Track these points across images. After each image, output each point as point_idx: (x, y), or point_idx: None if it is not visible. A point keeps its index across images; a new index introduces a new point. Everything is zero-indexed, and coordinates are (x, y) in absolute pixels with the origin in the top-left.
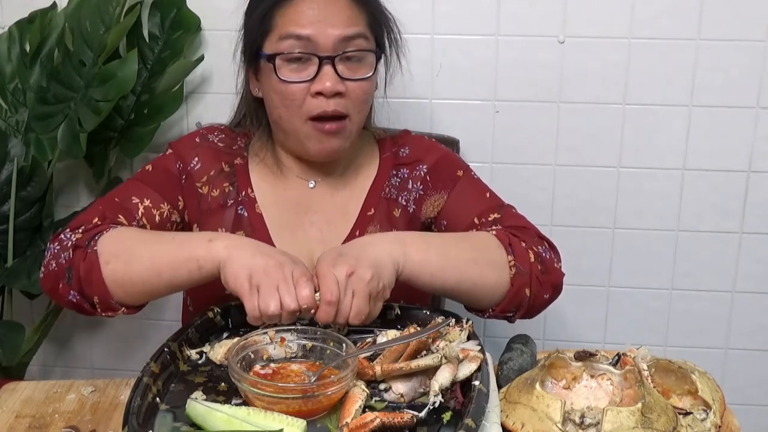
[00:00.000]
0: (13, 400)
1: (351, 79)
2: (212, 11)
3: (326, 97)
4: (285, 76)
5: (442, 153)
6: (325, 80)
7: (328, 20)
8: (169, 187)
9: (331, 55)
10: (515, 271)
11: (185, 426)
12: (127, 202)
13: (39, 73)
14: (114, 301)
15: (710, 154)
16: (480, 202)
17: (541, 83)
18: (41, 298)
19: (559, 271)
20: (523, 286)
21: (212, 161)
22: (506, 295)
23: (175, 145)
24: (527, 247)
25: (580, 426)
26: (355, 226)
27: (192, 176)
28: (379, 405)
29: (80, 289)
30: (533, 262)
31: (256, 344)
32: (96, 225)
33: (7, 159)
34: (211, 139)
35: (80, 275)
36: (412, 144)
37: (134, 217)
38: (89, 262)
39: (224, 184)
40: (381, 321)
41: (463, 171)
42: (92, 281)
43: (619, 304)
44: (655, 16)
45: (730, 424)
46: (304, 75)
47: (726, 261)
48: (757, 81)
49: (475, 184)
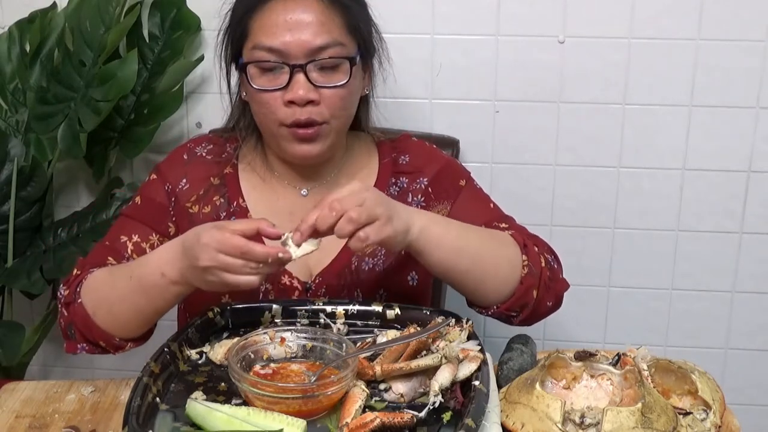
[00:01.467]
0: (13, 400)
1: (325, 86)
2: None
3: (299, 105)
4: (258, 84)
5: (443, 162)
6: (296, 89)
7: (300, 29)
8: (157, 217)
9: (303, 63)
10: (527, 270)
11: (185, 426)
12: (116, 243)
13: (39, 73)
14: (117, 340)
15: (710, 154)
16: (485, 213)
17: (541, 83)
18: (41, 298)
19: (564, 282)
20: (532, 287)
21: (201, 179)
22: (514, 293)
23: (163, 168)
24: (539, 252)
25: (580, 426)
26: None
27: (180, 198)
28: (379, 405)
29: (85, 339)
30: (544, 267)
31: (256, 344)
32: (77, 276)
33: (7, 159)
34: (199, 153)
35: (80, 329)
36: (413, 151)
37: (123, 255)
38: (81, 316)
39: (214, 198)
40: (381, 321)
41: (465, 180)
42: (91, 330)
43: (619, 304)
44: (655, 16)
45: (730, 424)
46: (277, 83)
47: (726, 261)
48: (757, 81)
49: (478, 195)
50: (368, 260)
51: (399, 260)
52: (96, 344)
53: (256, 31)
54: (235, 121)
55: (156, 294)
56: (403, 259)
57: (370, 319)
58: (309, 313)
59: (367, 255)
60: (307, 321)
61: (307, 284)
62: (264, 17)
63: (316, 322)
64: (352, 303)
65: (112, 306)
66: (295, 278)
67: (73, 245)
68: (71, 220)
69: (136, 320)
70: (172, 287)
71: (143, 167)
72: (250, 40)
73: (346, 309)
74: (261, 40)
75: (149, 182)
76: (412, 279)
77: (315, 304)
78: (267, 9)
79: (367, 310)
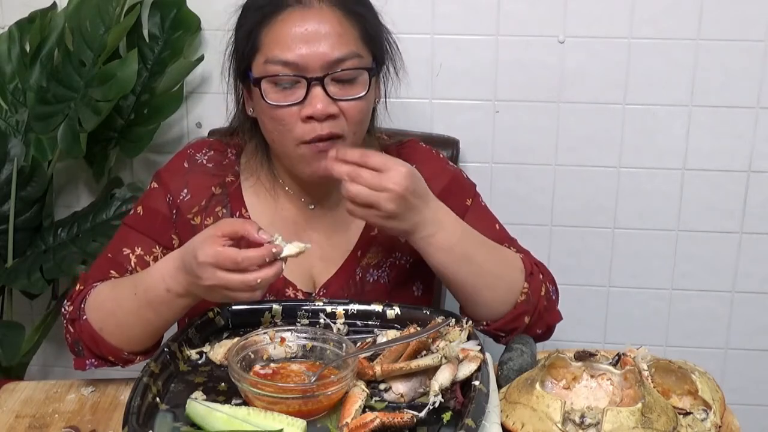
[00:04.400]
0: (13, 400)
1: (344, 99)
2: (212, 11)
3: (318, 121)
4: (273, 100)
5: (450, 177)
6: (315, 103)
7: (317, 41)
8: (161, 229)
9: (320, 76)
10: (525, 298)
11: (185, 426)
12: (119, 256)
13: (39, 73)
14: (126, 354)
15: (710, 154)
16: (491, 233)
17: (541, 83)
18: (41, 298)
19: (558, 315)
20: (525, 314)
21: (202, 189)
22: (505, 315)
23: (164, 176)
24: (543, 281)
25: (580, 426)
26: (357, 245)
27: (182, 209)
28: (379, 405)
29: (94, 355)
30: (542, 296)
31: (256, 344)
32: (80, 291)
33: (7, 159)
34: (199, 160)
35: (87, 345)
36: (420, 159)
37: (126, 269)
38: (87, 332)
39: (217, 209)
40: (381, 321)
41: (471, 199)
42: (99, 346)
43: (619, 304)
44: (655, 16)
45: (730, 424)
46: (293, 98)
47: (726, 261)
48: (757, 81)
49: (484, 215)
50: (373, 272)
51: (404, 272)
52: (105, 359)
53: (268, 44)
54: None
55: (164, 309)
56: (408, 271)
57: (370, 319)
58: (309, 313)
59: (371, 266)
60: (307, 321)
61: (311, 296)
62: (276, 29)
63: (316, 322)
64: (352, 303)
65: (120, 321)
66: (300, 290)
67: (73, 245)
68: (71, 220)
69: (145, 333)
70: (179, 300)
71: (143, 167)
72: (261, 54)
73: (346, 309)
74: (275, 54)
75: (150, 191)
76: (417, 289)
77: (315, 304)
78: (280, 21)
79: (367, 310)
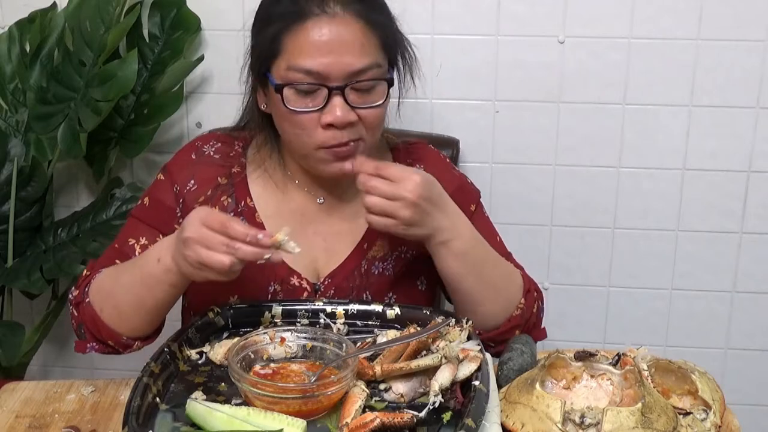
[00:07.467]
0: (13, 400)
1: (363, 107)
2: (212, 11)
3: (338, 128)
4: (293, 105)
5: (457, 183)
6: (335, 111)
7: (340, 51)
8: (166, 219)
9: (342, 86)
10: (519, 313)
11: (185, 426)
12: (125, 246)
13: (39, 73)
14: (125, 338)
15: (710, 154)
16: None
17: (541, 83)
18: (41, 298)
19: (543, 332)
20: (516, 327)
21: (209, 180)
22: (499, 327)
23: (171, 168)
24: (536, 298)
25: (580, 426)
26: (364, 238)
27: (188, 200)
28: (379, 405)
29: (95, 339)
30: (534, 312)
31: (256, 344)
32: (86, 277)
33: (7, 159)
34: (207, 152)
35: (89, 328)
36: (429, 162)
37: (131, 258)
38: (89, 315)
39: (222, 198)
40: (381, 321)
41: (475, 206)
42: (99, 329)
43: (619, 304)
44: (655, 16)
45: (730, 424)
46: (312, 104)
47: (726, 261)
48: (757, 81)
49: (486, 226)
50: (378, 264)
51: (409, 265)
52: (105, 343)
53: (291, 50)
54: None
55: (153, 283)
56: (413, 265)
57: (370, 319)
58: (309, 313)
59: (377, 259)
60: (307, 321)
61: (316, 285)
62: (300, 36)
63: (316, 322)
64: (352, 303)
65: (117, 301)
66: (304, 279)
67: (73, 245)
68: (71, 220)
69: (139, 314)
70: (166, 275)
71: (143, 167)
72: (282, 59)
73: (346, 309)
74: (297, 62)
75: (157, 182)
76: (422, 283)
77: (315, 304)
78: (304, 28)
79: (367, 310)
